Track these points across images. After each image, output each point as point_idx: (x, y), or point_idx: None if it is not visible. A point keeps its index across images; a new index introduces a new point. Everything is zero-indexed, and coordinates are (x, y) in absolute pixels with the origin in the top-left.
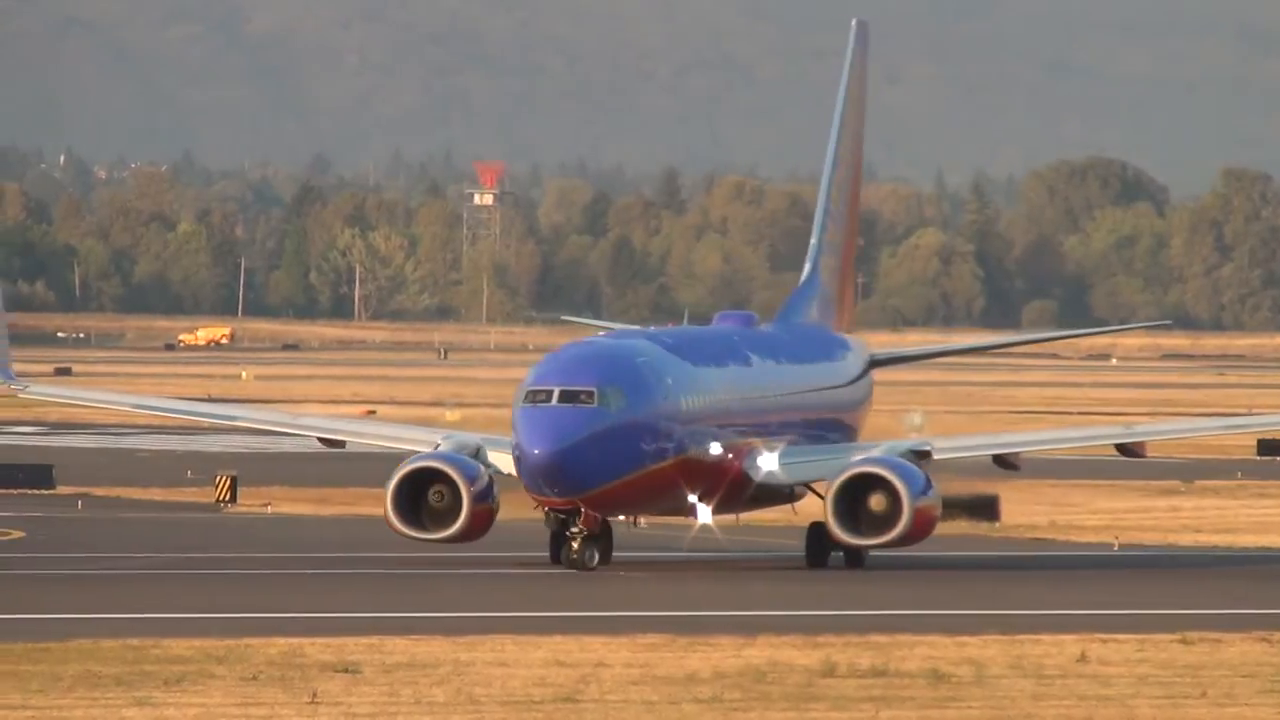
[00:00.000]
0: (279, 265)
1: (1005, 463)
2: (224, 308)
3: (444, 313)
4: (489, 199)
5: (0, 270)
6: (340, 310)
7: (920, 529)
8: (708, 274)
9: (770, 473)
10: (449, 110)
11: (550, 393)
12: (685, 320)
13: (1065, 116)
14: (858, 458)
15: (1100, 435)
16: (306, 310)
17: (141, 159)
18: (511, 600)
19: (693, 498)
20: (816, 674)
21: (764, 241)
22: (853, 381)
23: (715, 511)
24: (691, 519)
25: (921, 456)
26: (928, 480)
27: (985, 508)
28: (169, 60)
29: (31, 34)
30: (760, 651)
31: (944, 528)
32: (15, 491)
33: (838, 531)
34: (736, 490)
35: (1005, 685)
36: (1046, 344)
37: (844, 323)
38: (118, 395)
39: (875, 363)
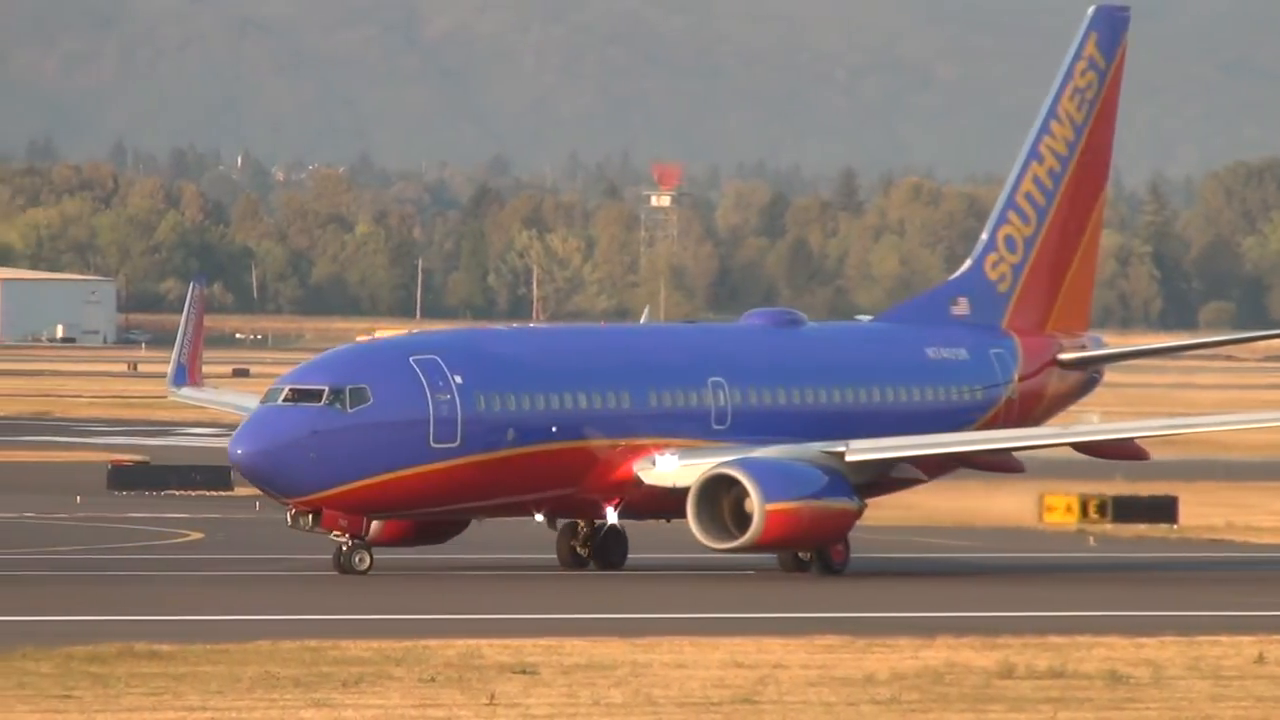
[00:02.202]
0: (457, 267)
1: (1128, 454)
2: (401, 309)
3: (621, 314)
4: (666, 200)
5: (178, 271)
6: (518, 311)
7: (779, 532)
8: (885, 275)
9: (665, 475)
10: (627, 112)
11: (280, 391)
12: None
13: (1243, 118)
14: (726, 460)
15: (1042, 436)
16: (485, 311)
17: (319, 160)
18: (689, 602)
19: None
20: (994, 675)
21: (941, 243)
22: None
23: (623, 516)
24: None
25: (837, 458)
26: (805, 481)
27: (1163, 510)
28: (347, 62)
29: (209, 36)
30: (938, 653)
31: (1122, 529)
32: (194, 493)
33: (699, 535)
34: (623, 491)
35: (1183, 686)
36: (1222, 346)
37: (1043, 321)
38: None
39: (1063, 364)
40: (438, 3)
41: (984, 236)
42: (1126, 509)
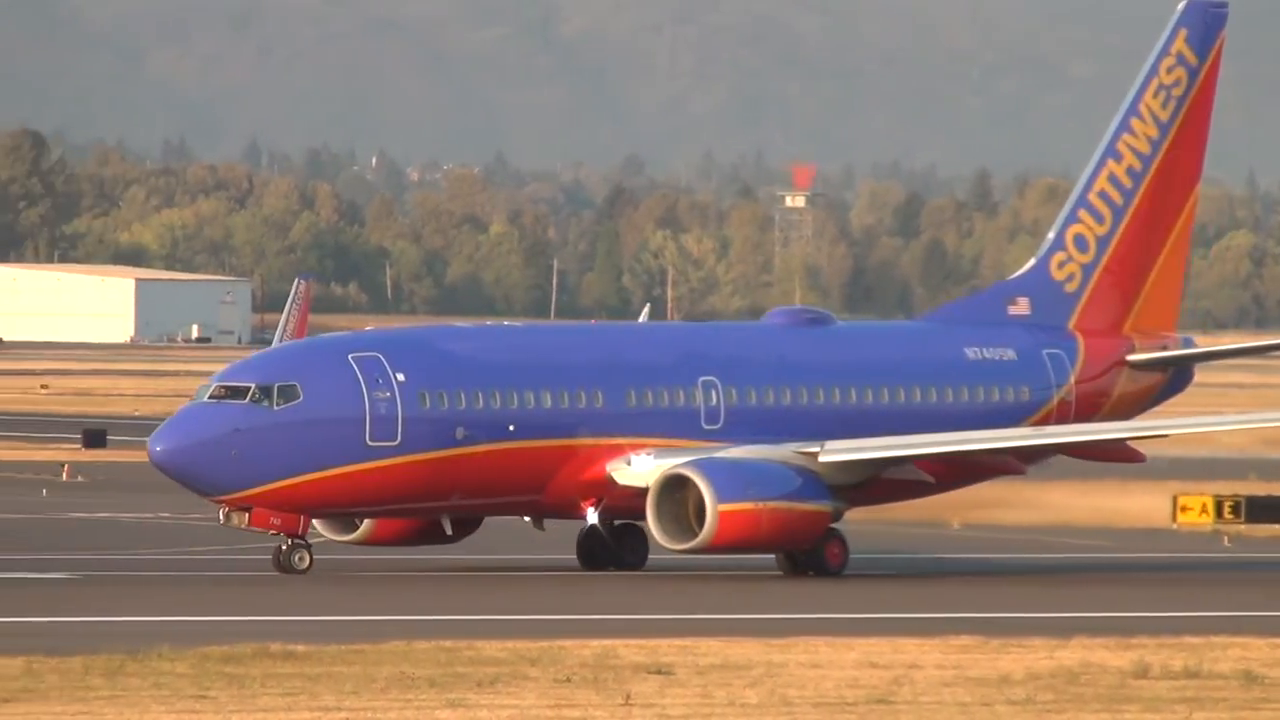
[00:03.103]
0: (591, 267)
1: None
2: (536, 309)
3: (755, 314)
4: (801, 201)
5: (313, 272)
6: (652, 312)
7: (735, 533)
8: None
9: (640, 475)
10: (761, 112)
11: (210, 388)
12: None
13: None
14: (684, 459)
15: (1004, 437)
16: (619, 312)
17: (454, 161)
18: (824, 602)
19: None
20: (1129, 675)
21: None
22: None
23: (603, 517)
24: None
25: (811, 459)
26: (768, 482)
27: None
28: (482, 62)
29: (345, 36)
30: (1073, 653)
31: (1257, 530)
32: None
33: (658, 535)
34: (597, 492)
35: None
36: None
37: (1118, 322)
38: None
39: (1134, 365)
40: (574, 2)
41: (1050, 236)
42: (1262, 509)
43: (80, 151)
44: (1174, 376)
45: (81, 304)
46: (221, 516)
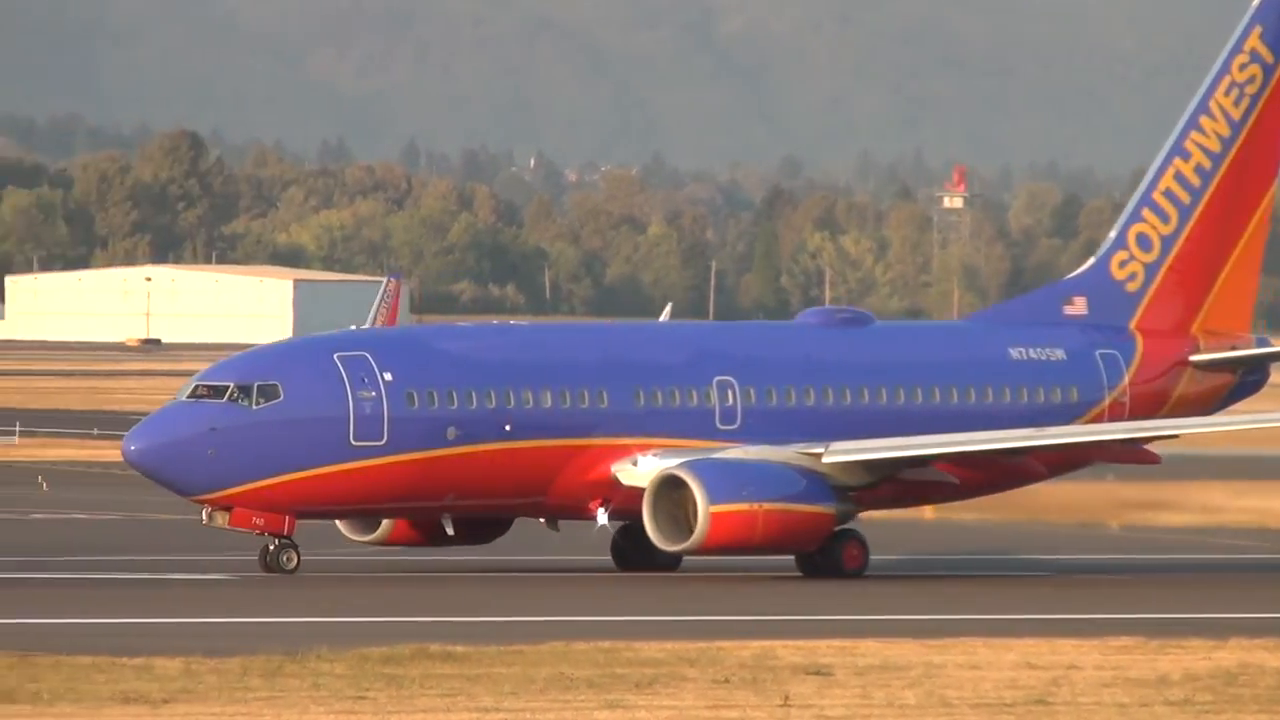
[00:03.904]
0: (749, 268)
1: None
2: (694, 310)
3: (914, 315)
4: (959, 202)
5: (471, 273)
6: None
7: (729, 535)
8: None
9: (646, 476)
10: (919, 112)
11: (190, 387)
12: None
13: None
14: (680, 460)
15: (1009, 437)
16: (778, 313)
17: (612, 161)
18: (982, 603)
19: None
20: None
21: None
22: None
23: (613, 517)
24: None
25: (815, 459)
26: (766, 483)
27: None
28: (640, 62)
29: (504, 37)
30: (1231, 654)
31: None
32: None
33: (653, 537)
34: (602, 492)
35: None
36: None
37: (1185, 322)
38: None
39: (1198, 365)
40: (732, 2)
41: (1112, 235)
42: None
43: (238, 152)
44: (1245, 377)
45: (240, 305)
46: (204, 516)
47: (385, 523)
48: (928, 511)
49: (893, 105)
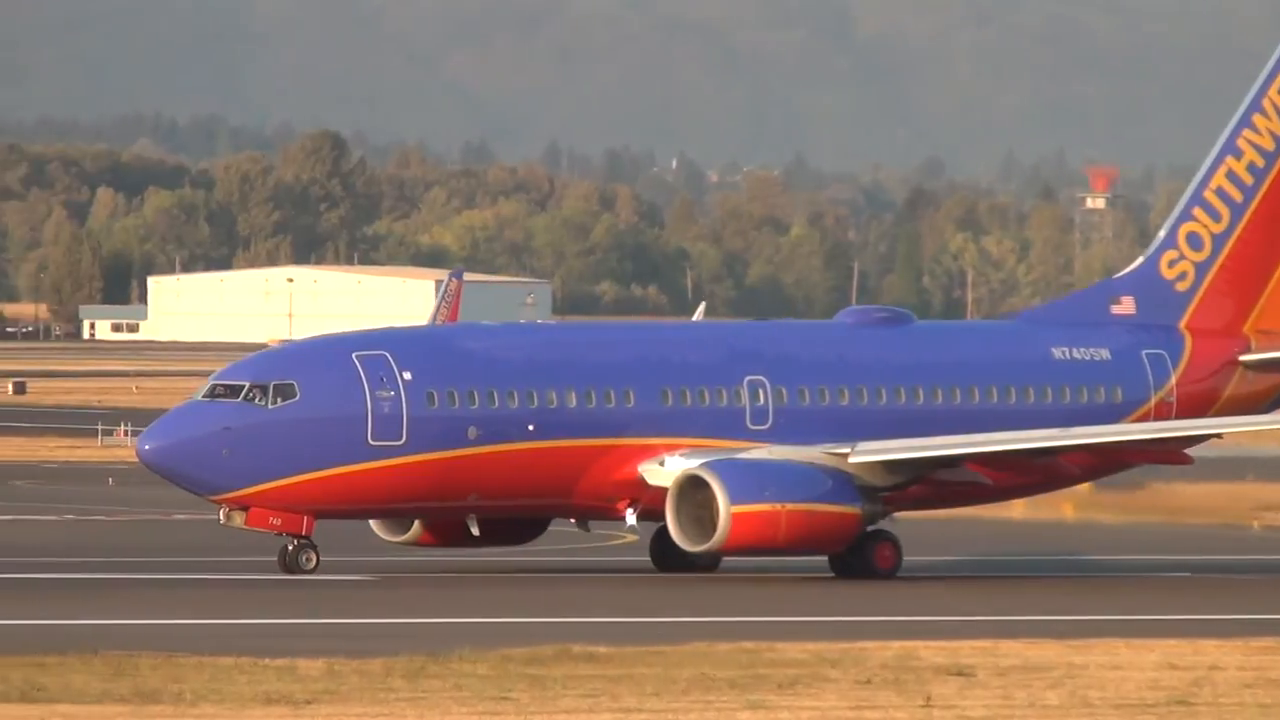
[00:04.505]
0: (891, 269)
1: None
2: (835, 311)
3: None
4: (1101, 203)
5: (613, 274)
6: (952, 313)
7: (751, 536)
8: None
9: (672, 475)
10: (1061, 113)
11: (207, 387)
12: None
13: None
14: (703, 460)
15: (1033, 437)
16: (920, 313)
17: (753, 162)
18: (1124, 603)
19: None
20: None
21: None
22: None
23: (642, 517)
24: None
25: (841, 460)
26: (790, 484)
27: None
28: (780, 63)
29: (644, 37)
30: None
31: None
32: None
33: (675, 537)
34: (629, 492)
35: None
36: None
37: (1237, 322)
38: None
39: (1248, 365)
40: (870, 4)
41: (1161, 234)
42: None
43: (380, 153)
44: None
45: (382, 306)
46: (222, 516)
47: (417, 523)
48: (1068, 511)
49: (1034, 105)
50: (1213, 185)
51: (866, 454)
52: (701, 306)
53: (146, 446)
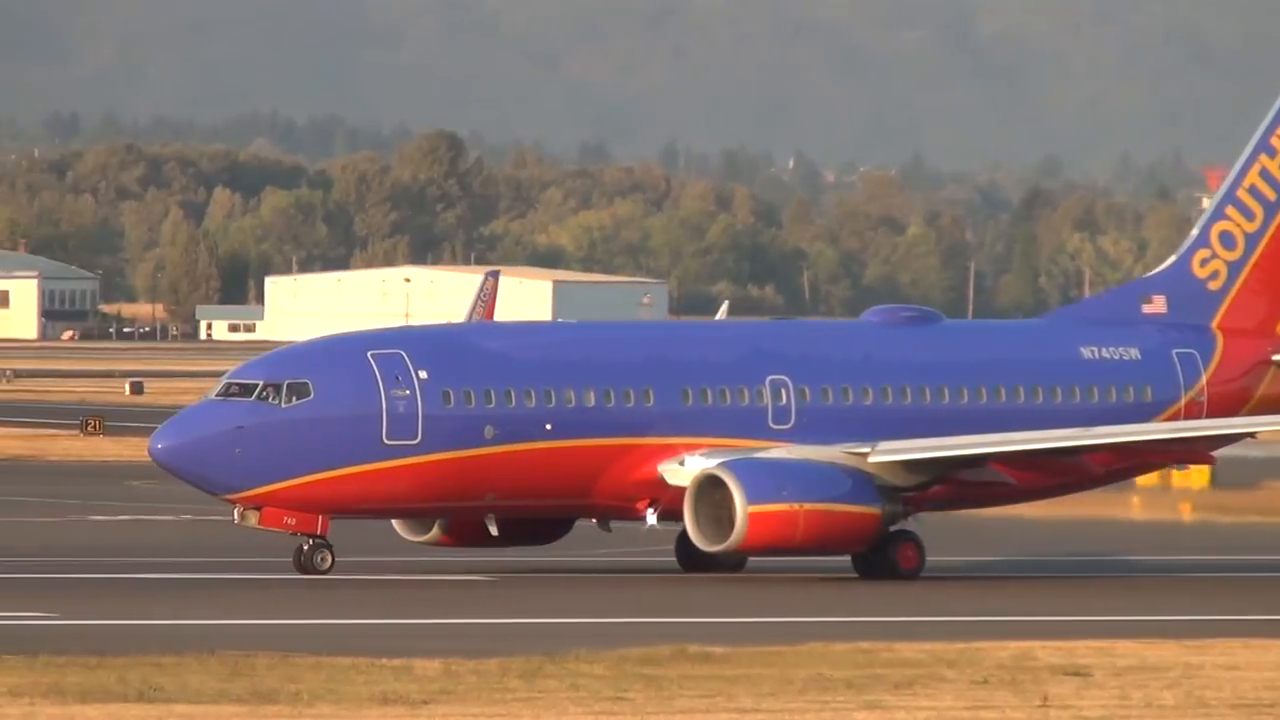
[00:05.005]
0: (1008, 269)
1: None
2: (952, 311)
3: None
4: None
5: (730, 273)
6: None
7: (768, 536)
8: None
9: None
10: (1178, 113)
11: (226, 386)
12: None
13: None
14: (720, 460)
15: (1053, 437)
16: (1035, 313)
17: (870, 162)
18: (1241, 603)
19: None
20: None
21: None
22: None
23: (662, 517)
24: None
25: (861, 459)
26: (808, 483)
27: None
28: (898, 63)
29: (761, 37)
30: None
31: None
32: None
33: (694, 537)
34: (649, 492)
35: None
36: None
37: (1271, 321)
38: None
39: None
40: (990, 3)
41: (1194, 233)
42: None
43: (497, 153)
44: None
45: (499, 306)
46: (236, 516)
47: (438, 523)
48: (1185, 511)
49: (1152, 106)
50: (1246, 184)
51: (886, 454)
52: (724, 306)
53: (159, 445)
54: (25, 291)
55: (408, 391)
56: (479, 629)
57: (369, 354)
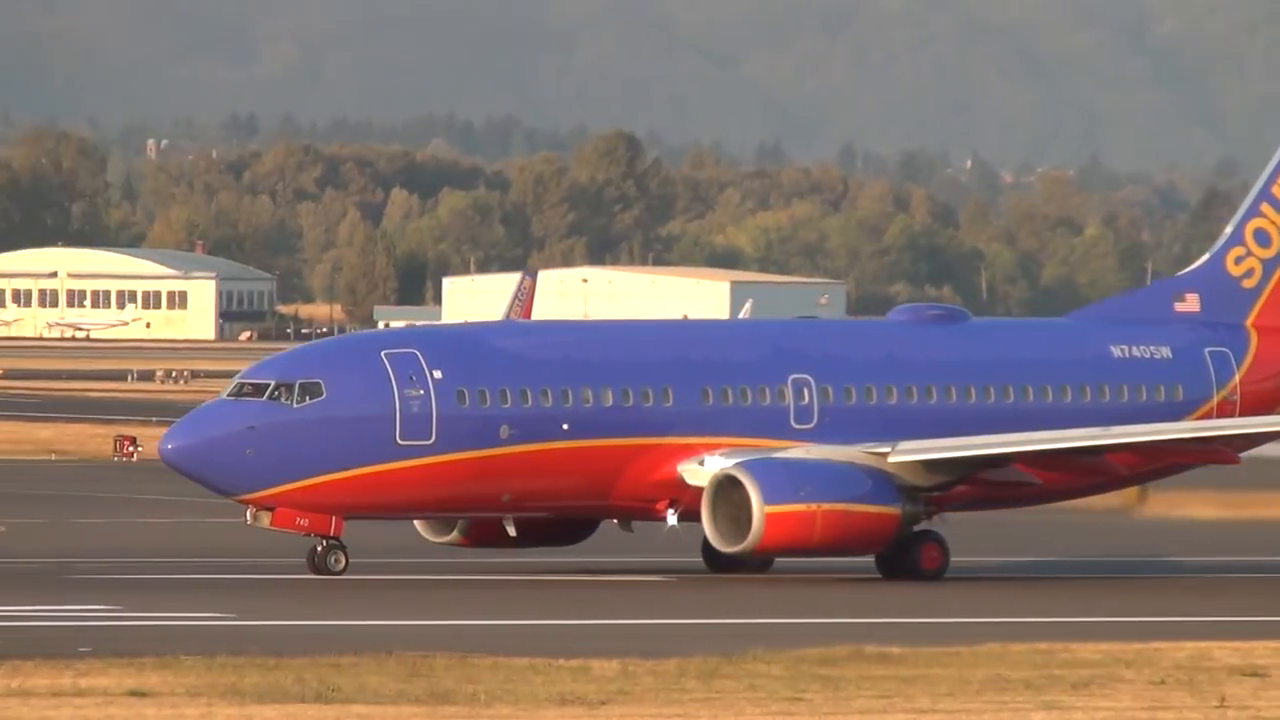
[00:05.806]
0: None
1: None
2: None
3: None
4: None
5: (907, 274)
6: None
7: (785, 536)
8: None
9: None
10: None
11: (238, 386)
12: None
13: None
14: (738, 460)
15: (1072, 437)
16: None
17: (1048, 163)
18: None
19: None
20: None
21: None
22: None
23: (682, 518)
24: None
25: (881, 459)
26: (826, 484)
27: None
28: (1076, 64)
29: (941, 38)
30: None
31: None
32: None
33: (711, 537)
34: (669, 492)
35: None
36: None
37: None
38: None
39: None
40: (1168, 4)
41: (1228, 230)
42: None
43: (674, 154)
44: None
45: (677, 307)
46: (249, 516)
47: (460, 524)
48: None
49: None
50: None
51: (906, 453)
52: (748, 304)
53: (169, 446)
54: (203, 292)
55: (422, 391)
56: (656, 629)
57: (383, 353)
